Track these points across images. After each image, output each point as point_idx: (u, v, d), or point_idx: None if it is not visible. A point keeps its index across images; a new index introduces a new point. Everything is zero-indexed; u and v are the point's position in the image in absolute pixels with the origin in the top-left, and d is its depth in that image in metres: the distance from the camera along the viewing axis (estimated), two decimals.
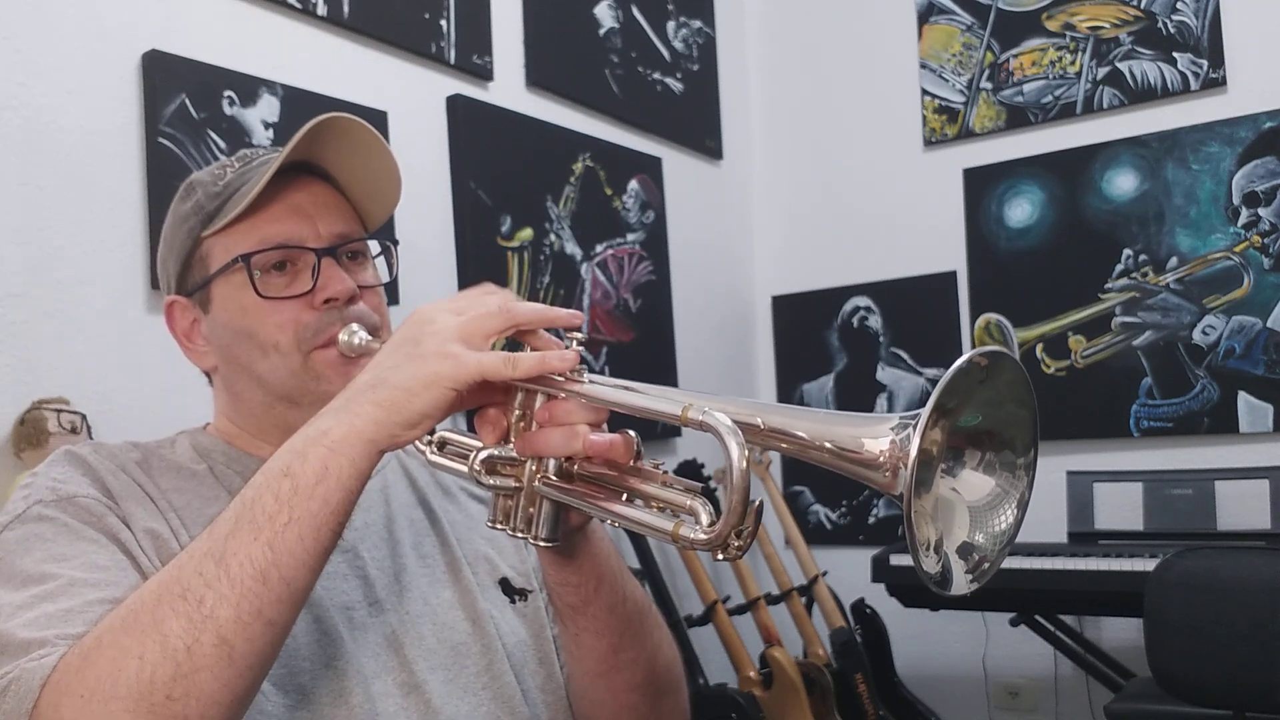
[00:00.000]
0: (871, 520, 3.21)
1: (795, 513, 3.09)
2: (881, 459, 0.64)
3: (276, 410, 0.98)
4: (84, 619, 0.75)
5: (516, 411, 0.82)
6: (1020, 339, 2.97)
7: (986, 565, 0.69)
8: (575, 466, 0.81)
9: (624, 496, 0.78)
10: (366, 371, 0.79)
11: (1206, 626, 1.87)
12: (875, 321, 3.23)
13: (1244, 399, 2.67)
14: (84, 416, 1.51)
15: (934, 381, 3.11)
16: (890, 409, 3.19)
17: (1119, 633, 2.77)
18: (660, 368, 2.90)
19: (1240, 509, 2.51)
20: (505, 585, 1.04)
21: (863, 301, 3.25)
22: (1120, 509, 2.61)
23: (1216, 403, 2.70)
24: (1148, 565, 2.13)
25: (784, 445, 0.71)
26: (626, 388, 0.77)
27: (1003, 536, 0.69)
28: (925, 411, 0.62)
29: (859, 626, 2.83)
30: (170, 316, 1.02)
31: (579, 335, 0.80)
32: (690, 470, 2.72)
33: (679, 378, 2.96)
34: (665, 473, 0.78)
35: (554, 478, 0.81)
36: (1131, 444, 2.81)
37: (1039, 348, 2.94)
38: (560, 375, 0.78)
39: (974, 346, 2.99)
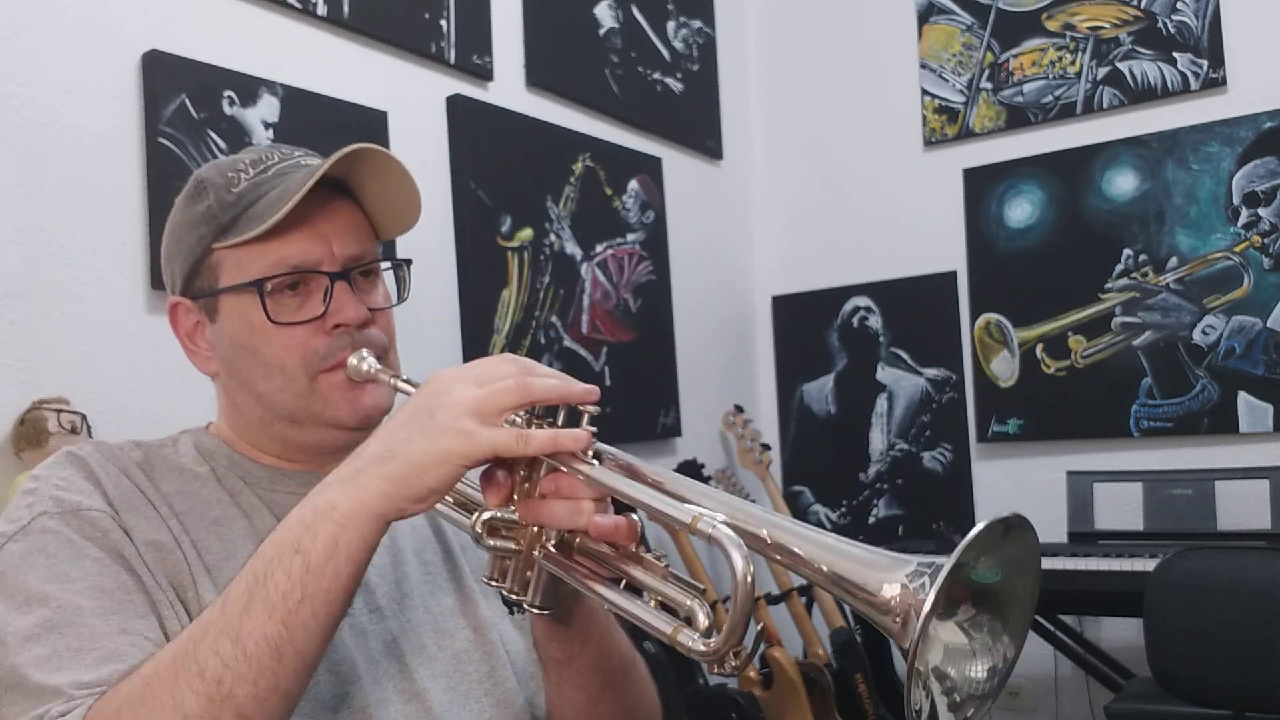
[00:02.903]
0: (871, 520, 3.21)
1: (795, 513, 3.09)
2: (893, 603, 0.64)
3: (276, 428, 0.97)
4: (95, 656, 0.76)
5: (522, 471, 0.81)
6: (1020, 339, 2.97)
7: (971, 712, 0.68)
8: (577, 539, 0.81)
9: (622, 583, 0.78)
10: (378, 440, 0.78)
11: (1206, 626, 1.87)
12: (875, 321, 3.23)
13: (1244, 399, 2.67)
14: (84, 416, 1.51)
15: (933, 382, 3.11)
16: (890, 409, 3.19)
17: (1119, 633, 2.77)
18: (660, 368, 2.91)
19: (1240, 509, 2.52)
20: (505, 597, 1.04)
21: (863, 301, 3.25)
22: (1120, 509, 2.61)
23: (1216, 403, 2.70)
24: (1148, 565, 2.13)
25: (800, 569, 0.70)
26: (634, 482, 0.76)
27: (977, 684, 0.69)
28: (946, 567, 0.61)
29: (859, 626, 2.83)
30: (174, 317, 1.00)
31: (594, 410, 0.79)
32: (690, 470, 2.72)
33: (679, 378, 2.97)
34: (666, 567, 0.78)
35: (553, 549, 0.81)
36: (1131, 444, 2.81)
37: (1039, 348, 2.94)
38: (571, 454, 0.78)
39: (974, 346, 3.00)
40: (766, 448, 3.10)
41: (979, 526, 0.62)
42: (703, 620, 0.72)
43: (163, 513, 0.90)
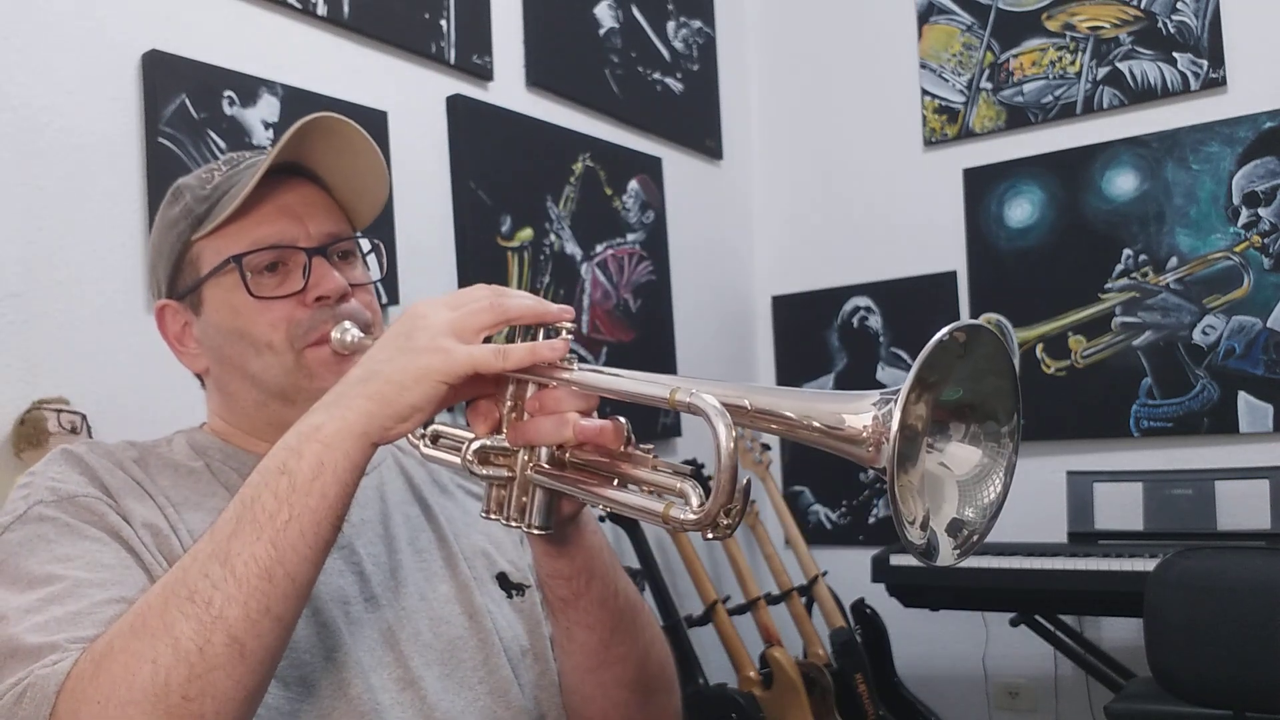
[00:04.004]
0: (871, 520, 3.21)
1: (795, 513, 3.09)
2: (864, 434, 0.65)
3: (271, 408, 0.98)
4: (93, 620, 0.76)
5: (508, 402, 0.82)
6: (1020, 339, 2.97)
7: (975, 538, 0.69)
8: (567, 455, 0.82)
9: (615, 482, 0.79)
10: (359, 366, 0.80)
11: (1206, 626, 1.86)
12: (875, 321, 3.23)
13: (1244, 399, 2.67)
14: (84, 416, 1.52)
15: None
16: None
17: (1119, 633, 2.77)
18: (660, 368, 2.89)
19: (1240, 509, 2.51)
20: (503, 580, 1.04)
21: (863, 301, 3.25)
22: (1120, 509, 2.61)
23: (1216, 403, 2.70)
24: (1148, 565, 2.13)
25: (772, 425, 0.72)
26: (616, 374, 0.78)
27: (991, 507, 0.70)
28: (906, 384, 0.63)
29: (859, 626, 2.83)
30: (161, 321, 1.02)
31: (569, 325, 0.80)
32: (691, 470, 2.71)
33: None
34: (655, 457, 0.79)
35: (546, 466, 0.81)
36: (1131, 444, 2.80)
37: (1039, 348, 2.94)
38: (550, 364, 0.79)
39: None
40: (767, 448, 3.10)
41: (930, 344, 0.63)
42: (694, 497, 0.73)
43: (159, 501, 0.91)
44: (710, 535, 0.71)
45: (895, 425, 0.62)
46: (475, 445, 0.82)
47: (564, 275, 2.57)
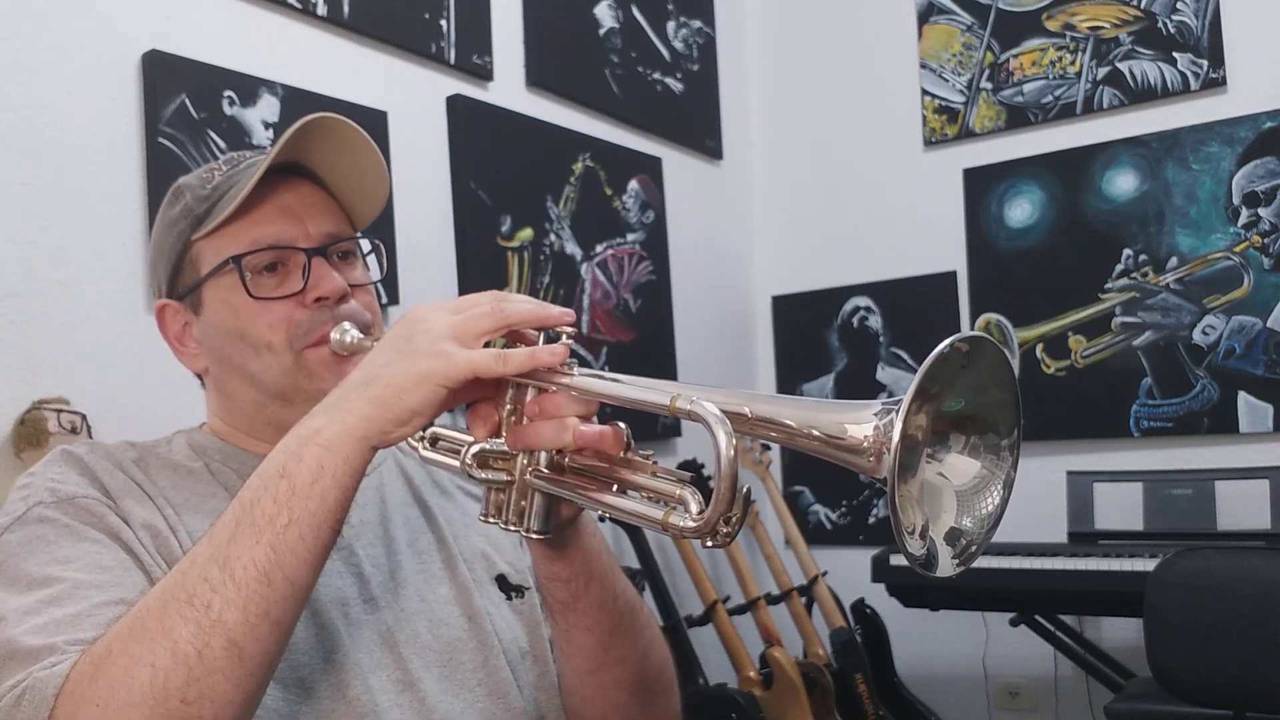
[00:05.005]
0: (871, 520, 3.21)
1: (795, 513, 3.09)
2: (866, 444, 0.65)
3: (270, 409, 0.98)
4: (92, 622, 0.76)
5: (508, 406, 0.83)
6: (1020, 339, 2.97)
7: (973, 549, 0.69)
8: (566, 459, 0.82)
9: (614, 487, 0.79)
10: (359, 369, 0.80)
11: (1206, 626, 1.86)
12: (875, 321, 3.23)
13: (1244, 399, 2.67)
14: (84, 416, 1.52)
15: None
16: None
17: (1119, 633, 2.77)
18: (660, 368, 2.90)
19: (1240, 509, 2.51)
20: (502, 582, 1.04)
21: (863, 301, 3.25)
22: (1120, 509, 2.61)
23: (1216, 403, 2.70)
24: (1148, 565, 2.13)
25: (773, 434, 0.71)
26: (616, 380, 0.78)
27: (989, 519, 0.70)
28: (908, 395, 0.62)
29: (859, 626, 2.83)
30: (161, 320, 1.02)
31: (570, 330, 0.80)
32: (690, 470, 2.72)
33: (679, 378, 2.96)
34: (654, 463, 0.79)
35: (545, 470, 0.81)
36: (1131, 444, 2.81)
37: (1039, 348, 2.94)
38: (550, 369, 0.79)
39: None
40: (767, 448, 3.10)
41: (933, 355, 0.63)
42: (693, 503, 0.72)
43: (158, 503, 0.91)
44: (710, 543, 0.71)
45: (897, 436, 0.62)
46: (474, 449, 0.82)
47: (564, 275, 2.57)
